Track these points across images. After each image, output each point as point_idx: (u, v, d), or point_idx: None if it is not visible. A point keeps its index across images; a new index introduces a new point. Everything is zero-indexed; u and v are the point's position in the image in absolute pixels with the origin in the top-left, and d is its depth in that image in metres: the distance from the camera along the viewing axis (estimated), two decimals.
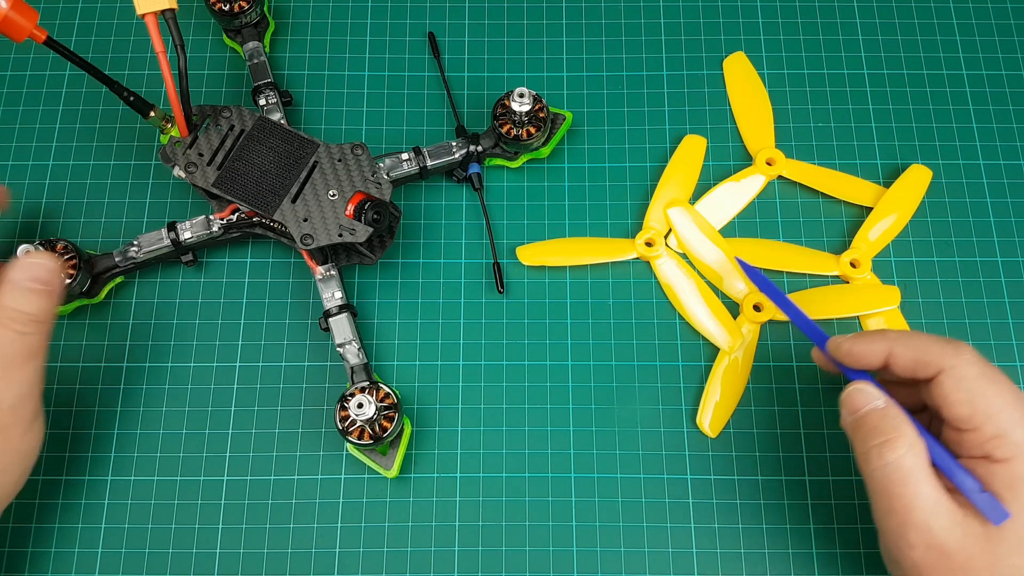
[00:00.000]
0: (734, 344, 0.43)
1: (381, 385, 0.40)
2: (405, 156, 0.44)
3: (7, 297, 0.35)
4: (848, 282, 0.45)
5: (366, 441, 0.38)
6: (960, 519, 0.32)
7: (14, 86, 0.48)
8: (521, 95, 0.43)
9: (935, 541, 0.32)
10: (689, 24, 0.50)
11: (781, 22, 0.50)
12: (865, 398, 0.35)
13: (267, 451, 0.42)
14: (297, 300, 0.45)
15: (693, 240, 0.45)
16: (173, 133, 0.42)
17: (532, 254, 0.45)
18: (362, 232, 0.40)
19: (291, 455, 0.42)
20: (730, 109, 0.48)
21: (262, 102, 0.46)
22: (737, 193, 0.46)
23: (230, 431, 0.42)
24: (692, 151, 0.47)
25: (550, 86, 0.49)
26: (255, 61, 0.47)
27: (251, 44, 0.47)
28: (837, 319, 0.44)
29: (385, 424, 0.39)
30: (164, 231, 0.43)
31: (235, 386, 0.43)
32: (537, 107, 0.44)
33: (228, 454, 0.42)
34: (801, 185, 0.47)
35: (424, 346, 0.44)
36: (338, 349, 0.41)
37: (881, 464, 0.33)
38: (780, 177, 0.47)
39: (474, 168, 0.46)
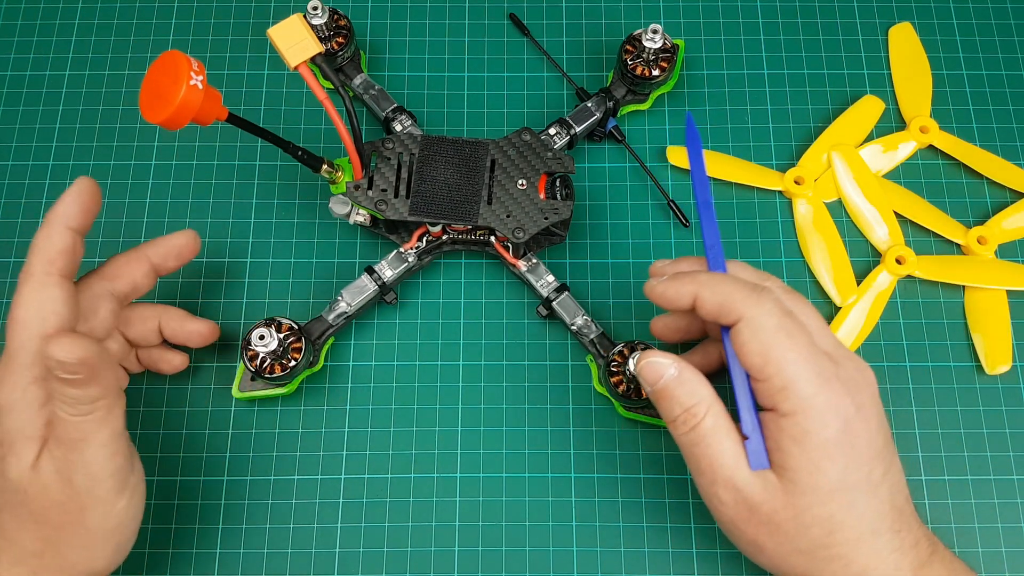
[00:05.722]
0: (843, 299, 0.44)
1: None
2: (553, 131, 0.44)
3: (54, 383, 0.32)
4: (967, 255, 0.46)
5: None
6: (761, 472, 0.33)
7: (14, 86, 0.48)
8: (655, 31, 0.43)
9: (741, 495, 0.33)
10: None
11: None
12: (658, 369, 0.34)
13: (267, 451, 0.42)
14: (297, 301, 0.45)
15: (848, 185, 0.46)
16: (348, 179, 0.41)
17: (681, 156, 0.46)
18: (565, 209, 0.40)
19: (291, 455, 0.42)
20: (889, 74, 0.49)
21: (398, 128, 0.45)
22: (885, 154, 0.47)
23: (230, 431, 0.42)
24: (866, 111, 0.48)
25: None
26: (372, 92, 0.45)
27: (358, 79, 0.46)
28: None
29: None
30: (366, 277, 0.42)
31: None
32: (665, 41, 0.44)
33: (228, 454, 0.42)
34: (948, 160, 0.47)
35: (424, 346, 0.44)
36: (571, 328, 0.42)
37: (685, 431, 0.34)
38: (930, 147, 0.47)
39: (611, 123, 0.46)
